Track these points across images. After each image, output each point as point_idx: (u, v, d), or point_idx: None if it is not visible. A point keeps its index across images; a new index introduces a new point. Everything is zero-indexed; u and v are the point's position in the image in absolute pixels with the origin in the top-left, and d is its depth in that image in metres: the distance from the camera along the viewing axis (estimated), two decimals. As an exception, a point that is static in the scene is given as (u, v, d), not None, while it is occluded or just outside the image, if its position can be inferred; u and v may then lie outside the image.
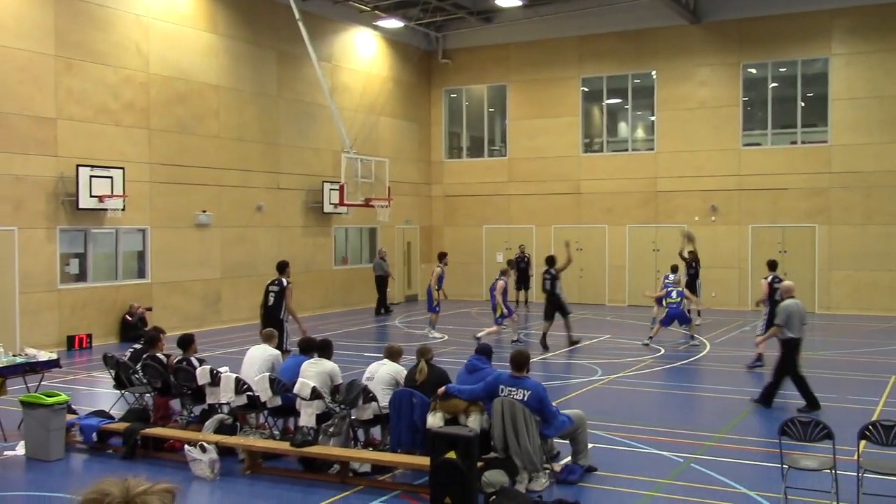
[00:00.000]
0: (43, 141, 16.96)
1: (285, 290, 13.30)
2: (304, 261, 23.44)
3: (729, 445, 9.57)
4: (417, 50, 27.29)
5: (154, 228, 19.32)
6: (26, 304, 16.65)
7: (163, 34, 19.50)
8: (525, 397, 7.93)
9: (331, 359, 9.38)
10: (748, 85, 25.22)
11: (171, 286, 19.76)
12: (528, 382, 8.08)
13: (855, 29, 23.52)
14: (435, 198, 29.35)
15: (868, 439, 7.09)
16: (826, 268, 23.82)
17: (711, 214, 25.11)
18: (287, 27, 22.27)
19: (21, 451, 9.21)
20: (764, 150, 24.93)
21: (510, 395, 7.96)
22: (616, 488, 8.11)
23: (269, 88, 22.64)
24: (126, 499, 2.01)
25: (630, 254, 26.15)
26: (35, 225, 16.85)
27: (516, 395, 7.96)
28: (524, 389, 7.98)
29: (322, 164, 24.17)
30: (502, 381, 8.16)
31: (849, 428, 7.73)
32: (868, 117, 23.27)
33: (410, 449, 8.42)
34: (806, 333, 11.95)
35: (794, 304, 11.77)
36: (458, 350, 16.36)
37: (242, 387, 9.35)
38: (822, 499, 7.29)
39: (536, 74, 27.56)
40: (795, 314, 11.56)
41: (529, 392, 7.97)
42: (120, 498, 2.01)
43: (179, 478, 8.27)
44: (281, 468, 8.73)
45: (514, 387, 8.02)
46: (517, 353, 8.37)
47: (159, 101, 19.39)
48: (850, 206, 23.47)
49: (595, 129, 27.86)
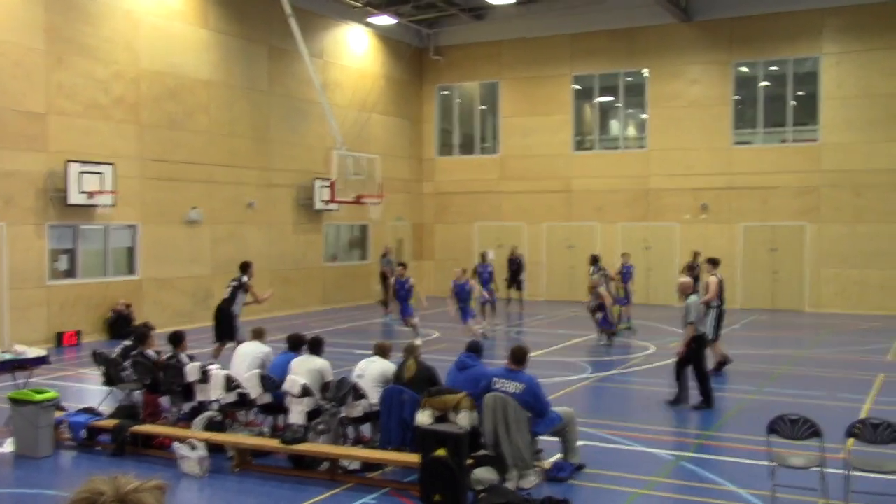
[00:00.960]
0: (33, 136, 16.87)
1: (242, 286, 13.96)
2: (294, 258, 23.41)
3: (718, 443, 9.60)
4: (409, 47, 27.26)
5: (144, 225, 19.25)
6: (15, 301, 16.57)
7: (153, 29, 19.42)
8: (518, 391, 7.99)
9: (321, 356, 9.37)
10: (739, 83, 25.29)
11: (161, 283, 19.70)
12: (522, 376, 8.15)
13: (846, 28, 23.60)
14: (426, 195, 29.33)
15: (856, 437, 7.12)
16: (815, 266, 23.91)
17: (702, 213, 25.17)
18: (278, 23, 22.21)
19: (9, 448, 9.16)
20: (754, 148, 25.01)
21: (503, 388, 8.01)
22: (605, 486, 8.12)
23: (261, 84, 22.57)
24: (118, 497, 2.00)
25: (621, 251, 26.16)
26: (24, 221, 16.77)
27: (509, 387, 8.02)
28: (518, 383, 8.06)
29: (313, 160, 24.13)
30: (497, 374, 8.26)
31: (837, 426, 7.76)
32: (858, 116, 23.36)
33: (400, 446, 8.42)
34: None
35: (698, 300, 11.86)
36: (450, 347, 16.36)
37: (232, 384, 9.33)
38: (810, 496, 7.32)
39: (528, 72, 27.56)
40: (701, 310, 11.75)
41: (524, 386, 8.04)
42: (113, 496, 2.00)
43: (168, 475, 8.25)
44: (270, 465, 8.72)
45: (509, 380, 8.10)
46: (517, 348, 8.47)
47: (150, 96, 19.32)
48: (840, 205, 23.56)
49: (586, 127, 27.89)
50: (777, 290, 24.39)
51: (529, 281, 27.44)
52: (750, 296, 24.55)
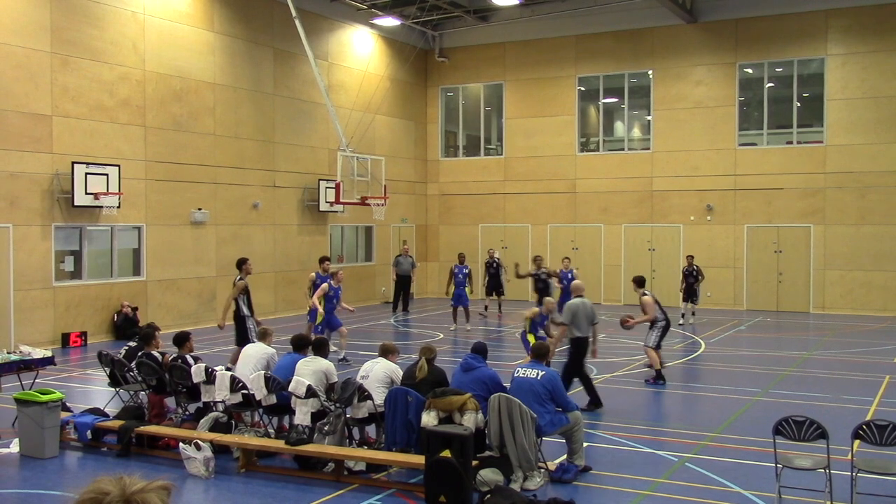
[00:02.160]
0: (38, 138, 16.92)
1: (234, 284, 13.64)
2: (299, 259, 23.43)
3: (723, 445, 9.58)
4: (414, 48, 27.27)
5: (149, 226, 19.29)
6: (21, 302, 16.61)
7: (159, 31, 19.47)
8: (539, 376, 8.39)
9: (326, 357, 9.37)
10: (744, 85, 25.25)
11: (167, 284, 19.74)
12: (543, 367, 8.63)
13: (851, 29, 23.57)
14: (431, 196, 29.35)
15: (862, 439, 7.10)
16: (821, 268, 23.87)
17: (707, 214, 25.14)
18: (283, 25, 22.26)
19: (15, 449, 9.18)
20: (759, 149, 24.97)
21: (524, 374, 8.45)
22: (610, 487, 8.12)
23: (266, 86, 22.61)
24: (124, 497, 2.01)
25: (625, 253, 26.17)
26: (30, 222, 16.81)
27: (530, 373, 8.44)
28: (539, 370, 8.49)
29: (318, 162, 24.16)
30: (519, 367, 8.78)
31: (843, 427, 7.75)
32: (863, 118, 23.32)
33: (405, 447, 8.42)
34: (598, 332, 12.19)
35: (581, 303, 11.86)
36: (455, 349, 16.38)
37: (237, 385, 9.34)
38: (815, 498, 7.31)
39: (533, 73, 27.57)
40: (581, 313, 11.67)
41: (544, 373, 8.45)
42: (118, 497, 2.00)
43: (174, 476, 8.26)
44: (276, 466, 8.73)
45: (531, 368, 8.58)
46: (539, 345, 9.10)
47: (155, 98, 19.36)
48: (844, 207, 23.52)
49: (591, 129, 27.87)
50: (782, 292, 24.35)
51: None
52: (755, 297, 24.52)
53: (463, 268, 20.19)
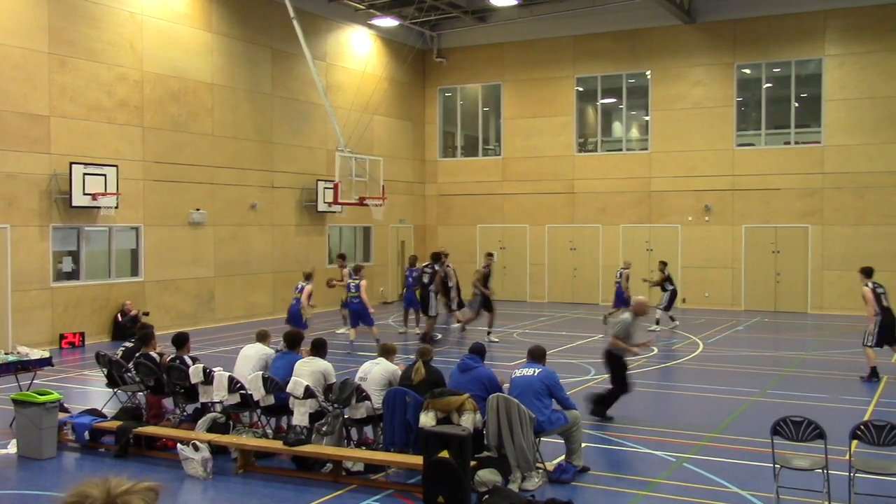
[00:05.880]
0: (36, 138, 16.90)
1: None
2: (297, 259, 23.42)
3: (721, 445, 9.59)
4: (412, 49, 27.27)
5: (147, 226, 19.28)
6: (19, 302, 16.59)
7: (157, 32, 19.46)
8: (536, 373, 8.44)
9: (324, 358, 9.37)
10: (742, 85, 25.28)
11: (165, 284, 19.73)
12: (540, 366, 8.67)
13: (848, 30, 23.59)
14: (429, 197, 29.35)
15: (860, 439, 7.11)
16: (819, 268, 23.89)
17: (705, 214, 25.16)
18: (282, 25, 22.25)
19: (13, 450, 9.17)
20: (757, 150, 24.99)
21: (522, 373, 8.49)
22: (608, 487, 8.12)
23: (264, 86, 22.61)
24: (107, 499, 1.99)
25: (623, 254, 26.15)
26: (28, 223, 16.79)
27: (527, 371, 8.50)
28: (536, 368, 8.55)
29: (316, 162, 24.16)
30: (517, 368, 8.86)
31: (841, 428, 7.75)
32: (861, 118, 23.34)
33: (403, 448, 8.43)
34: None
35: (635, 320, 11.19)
36: (452, 349, 16.38)
37: (235, 385, 9.33)
38: (813, 498, 7.31)
39: (531, 74, 27.58)
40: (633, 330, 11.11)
41: (541, 370, 8.52)
42: (101, 499, 1.99)
43: (172, 476, 8.27)
44: (274, 467, 8.73)
45: (528, 367, 8.62)
46: (535, 348, 8.99)
47: (153, 98, 19.35)
48: (842, 207, 23.54)
49: (589, 129, 27.89)
50: (780, 292, 24.37)
51: (533, 283, 27.46)
52: (753, 298, 24.54)
53: (414, 271, 19.66)
